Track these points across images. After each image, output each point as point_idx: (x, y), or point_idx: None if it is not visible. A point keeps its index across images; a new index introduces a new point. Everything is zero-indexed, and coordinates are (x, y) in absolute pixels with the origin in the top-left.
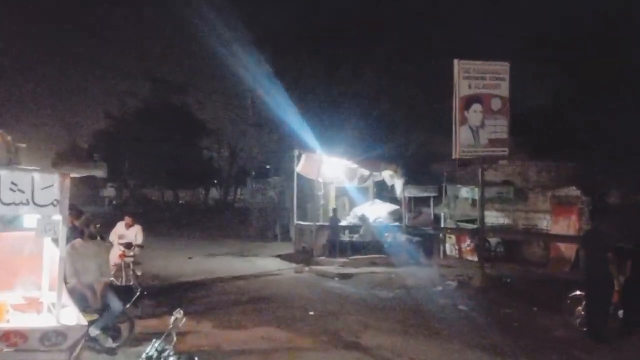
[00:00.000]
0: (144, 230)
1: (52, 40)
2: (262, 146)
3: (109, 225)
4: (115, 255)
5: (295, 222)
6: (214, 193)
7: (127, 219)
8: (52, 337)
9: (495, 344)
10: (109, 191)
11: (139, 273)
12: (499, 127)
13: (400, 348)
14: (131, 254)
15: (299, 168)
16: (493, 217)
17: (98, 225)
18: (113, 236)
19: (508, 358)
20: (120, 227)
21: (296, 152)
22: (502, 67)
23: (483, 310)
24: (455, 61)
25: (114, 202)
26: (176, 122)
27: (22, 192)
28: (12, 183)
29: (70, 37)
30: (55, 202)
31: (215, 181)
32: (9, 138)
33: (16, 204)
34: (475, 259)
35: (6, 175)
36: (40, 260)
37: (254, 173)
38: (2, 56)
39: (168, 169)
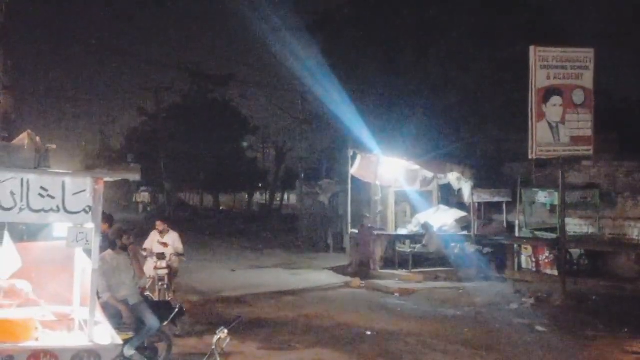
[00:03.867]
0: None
1: (83, 31)
2: (312, 145)
3: (145, 235)
4: (150, 268)
5: (350, 230)
6: (258, 198)
7: (159, 225)
8: (84, 358)
9: None
10: (143, 196)
11: (172, 288)
12: (582, 123)
13: None
14: (164, 265)
15: (353, 170)
16: (575, 226)
17: (131, 238)
18: (149, 245)
19: None
20: (155, 236)
21: (350, 152)
22: (586, 55)
23: (564, 332)
24: (532, 48)
25: (148, 209)
26: (217, 119)
27: (52, 197)
28: (42, 188)
29: (101, 27)
30: (87, 209)
31: (260, 185)
32: (37, 138)
33: (45, 211)
34: (555, 273)
35: (35, 179)
36: (71, 273)
37: (303, 175)
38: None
39: (208, 171)
